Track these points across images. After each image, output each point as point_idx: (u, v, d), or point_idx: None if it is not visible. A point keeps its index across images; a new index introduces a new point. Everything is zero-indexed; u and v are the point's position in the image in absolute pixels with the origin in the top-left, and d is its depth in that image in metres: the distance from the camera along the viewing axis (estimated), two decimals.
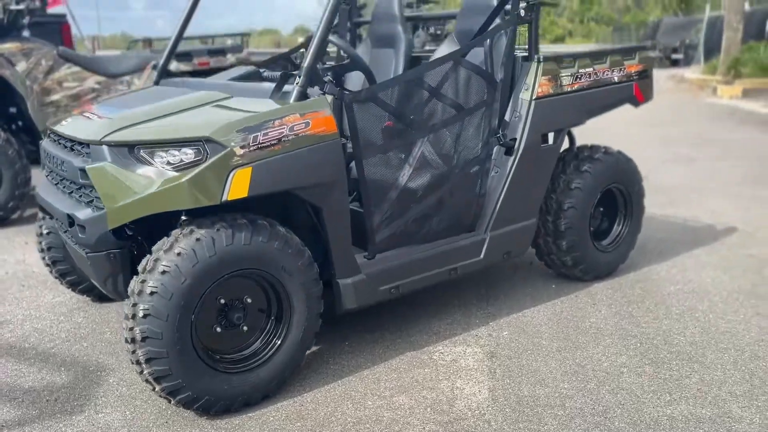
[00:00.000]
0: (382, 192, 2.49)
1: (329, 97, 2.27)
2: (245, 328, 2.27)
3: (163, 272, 2.03)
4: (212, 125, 2.11)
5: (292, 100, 2.22)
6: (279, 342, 2.30)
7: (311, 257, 2.33)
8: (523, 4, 2.85)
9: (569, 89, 2.99)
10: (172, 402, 2.14)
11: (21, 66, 4.82)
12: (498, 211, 2.85)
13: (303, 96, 2.25)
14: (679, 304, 3.13)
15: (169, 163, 2.11)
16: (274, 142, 2.14)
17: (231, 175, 2.08)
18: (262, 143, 2.12)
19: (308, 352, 2.57)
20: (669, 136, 8.37)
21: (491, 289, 3.34)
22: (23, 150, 4.72)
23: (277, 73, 2.82)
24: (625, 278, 3.47)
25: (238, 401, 2.24)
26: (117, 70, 5.24)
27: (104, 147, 2.17)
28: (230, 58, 5.50)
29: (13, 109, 4.96)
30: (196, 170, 2.06)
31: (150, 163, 2.13)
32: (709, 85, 15.70)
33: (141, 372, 2.10)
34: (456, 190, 2.72)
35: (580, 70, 3.03)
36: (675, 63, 27.93)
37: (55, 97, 5.02)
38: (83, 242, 2.24)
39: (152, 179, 2.09)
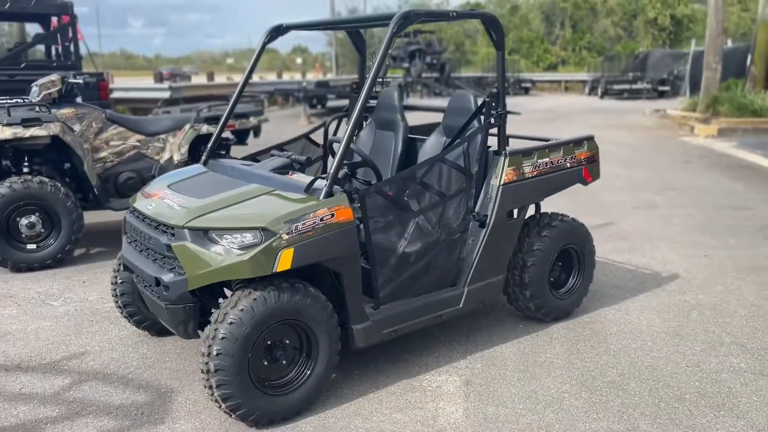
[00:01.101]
0: (384, 259, 3.33)
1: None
2: (284, 362, 3.10)
3: (231, 323, 2.87)
4: (266, 217, 2.96)
5: (321, 197, 3.07)
6: (309, 372, 3.13)
7: (333, 309, 3.16)
8: (493, 112, 3.72)
9: (530, 176, 3.86)
10: (233, 416, 2.97)
11: (76, 128, 5.66)
12: (474, 270, 3.70)
13: (330, 194, 3.10)
14: (617, 343, 3.97)
15: (233, 243, 2.95)
16: (309, 229, 2.99)
17: (279, 254, 2.92)
18: (301, 230, 2.97)
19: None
20: (640, 181, 9.27)
21: (470, 329, 4.17)
22: (77, 201, 5.55)
23: (303, 158, 3.72)
24: (579, 320, 4.31)
25: (279, 416, 3.06)
26: (155, 130, 6.11)
27: (186, 230, 3.02)
28: (252, 120, 6.38)
29: (67, 165, 5.78)
30: (255, 250, 2.90)
31: (219, 243, 2.97)
32: (689, 122, 16.67)
33: (212, 394, 2.92)
34: (440, 255, 3.56)
35: (539, 160, 3.90)
36: (662, 94, 29.11)
37: (102, 154, 5.88)
38: (166, 298, 3.08)
39: (222, 256, 2.93)
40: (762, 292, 4.81)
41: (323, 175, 3.21)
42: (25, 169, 5.49)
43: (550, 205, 4.48)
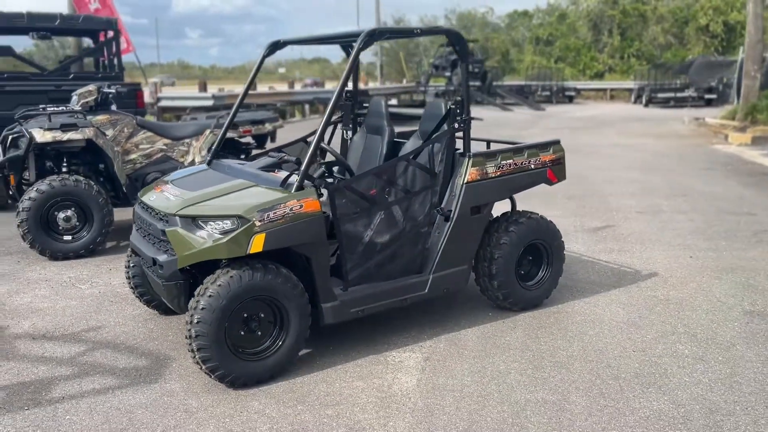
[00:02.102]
0: (352, 246, 3.79)
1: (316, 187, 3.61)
2: (259, 333, 3.59)
3: (210, 296, 3.38)
4: (242, 207, 3.46)
5: (293, 191, 3.56)
6: (281, 343, 3.61)
7: (303, 288, 3.64)
8: (458, 118, 4.15)
9: (493, 175, 4.26)
10: (212, 377, 3.47)
11: (109, 133, 6.32)
12: (438, 260, 4.12)
13: (300, 187, 3.58)
14: (574, 330, 4.32)
15: (216, 229, 3.47)
16: (280, 217, 3.48)
17: (252, 238, 3.42)
18: (272, 218, 3.46)
19: (305, 351, 3.90)
20: (652, 186, 9.47)
21: (443, 316, 4.58)
22: (109, 198, 6.20)
23: (293, 158, 4.22)
24: (548, 310, 4.67)
25: (253, 379, 3.55)
26: (180, 135, 6.72)
27: (177, 217, 3.55)
28: (268, 126, 6.94)
29: (101, 165, 6.45)
30: (232, 234, 3.41)
31: (204, 229, 3.49)
32: (725, 131, 16.57)
33: (194, 357, 3.43)
34: (406, 245, 4.00)
35: (503, 162, 4.30)
36: (709, 102, 28.65)
37: (132, 156, 6.52)
38: (161, 276, 3.61)
39: (205, 239, 3.45)
40: (732, 290, 5.07)
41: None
42: (64, 169, 6.17)
43: (553, 205, 4.86)
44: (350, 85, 5.23)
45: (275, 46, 4.64)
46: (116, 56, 9.11)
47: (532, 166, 4.46)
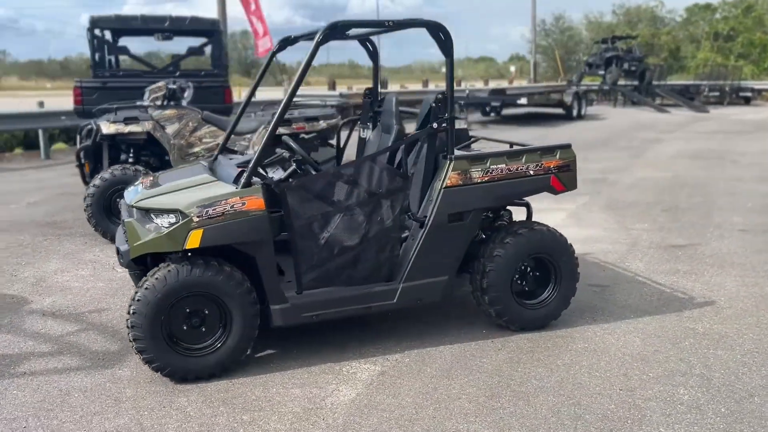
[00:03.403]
0: (306, 248, 3.65)
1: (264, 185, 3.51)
2: (204, 329, 3.57)
3: (146, 288, 3.41)
4: (184, 202, 3.46)
5: (239, 188, 3.49)
6: (222, 343, 3.56)
7: (250, 287, 3.56)
8: (440, 117, 3.84)
9: (479, 181, 3.88)
10: (150, 368, 3.51)
11: (174, 127, 6.68)
12: (410, 268, 3.85)
13: (248, 185, 3.51)
14: (567, 359, 3.83)
15: (164, 222, 3.50)
16: (219, 214, 3.43)
17: (189, 233, 3.40)
18: (211, 215, 3.42)
19: (269, 352, 3.84)
20: None
21: (434, 327, 4.28)
22: None
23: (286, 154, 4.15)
24: (549, 333, 4.19)
25: (192, 375, 3.54)
26: (241, 130, 6.93)
27: (134, 209, 3.64)
28: (322, 123, 6.94)
29: (168, 157, 6.83)
30: (170, 228, 3.42)
31: (154, 221, 3.53)
32: None
33: (133, 347, 3.49)
34: (370, 250, 3.77)
35: (492, 166, 3.91)
36: None
37: (195, 149, 6.83)
38: (122, 265, 3.72)
39: (151, 231, 3.49)
40: None
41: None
42: (131, 159, 6.62)
43: (645, 216, 4.40)
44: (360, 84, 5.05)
45: (285, 42, 4.59)
46: (219, 55, 9.61)
47: (531, 173, 4.01)
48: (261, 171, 3.64)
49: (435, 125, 3.85)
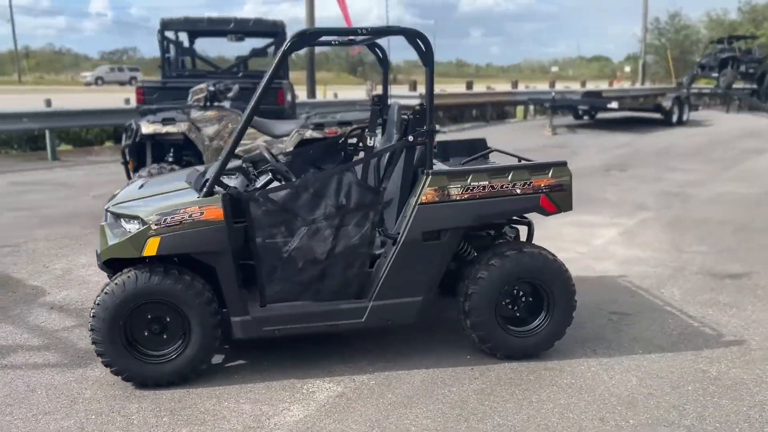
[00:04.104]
0: (269, 261, 3.56)
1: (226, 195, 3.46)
2: (165, 336, 3.57)
3: (106, 293, 3.45)
4: (146, 210, 3.47)
5: (199, 197, 3.46)
6: (179, 353, 3.54)
7: (210, 297, 3.53)
8: (418, 129, 3.63)
9: (457, 198, 3.64)
10: (110, 371, 3.55)
11: (214, 128, 6.81)
12: (380, 286, 3.67)
13: (210, 194, 3.47)
14: (544, 395, 3.52)
15: (131, 228, 3.53)
16: (177, 222, 3.41)
17: (147, 240, 3.41)
18: (170, 223, 3.41)
19: (239, 362, 3.81)
20: None
21: (414, 349, 4.07)
22: None
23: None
24: (535, 364, 3.87)
25: (151, 381, 3.55)
26: (279, 133, 6.97)
27: (108, 213, 3.70)
28: None
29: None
30: (129, 235, 3.44)
31: (121, 227, 3.57)
32: None
33: (94, 350, 3.54)
34: (337, 265, 3.63)
35: (473, 183, 3.65)
36: None
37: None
38: (99, 267, 3.79)
39: (117, 236, 3.53)
40: None
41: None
42: (170, 159, 6.82)
43: (707, 238, 4.09)
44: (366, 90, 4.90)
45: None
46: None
47: (518, 191, 3.71)
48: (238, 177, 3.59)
49: (411, 138, 3.65)
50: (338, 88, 31.07)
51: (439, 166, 3.93)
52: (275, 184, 3.69)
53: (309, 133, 6.74)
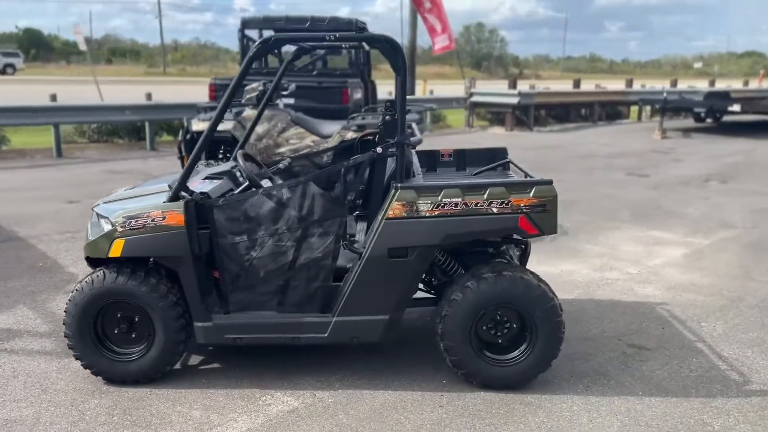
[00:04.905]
0: (231, 269, 3.54)
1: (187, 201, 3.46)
2: (134, 336, 3.65)
3: (75, 290, 3.57)
4: (116, 212, 3.55)
5: (163, 202, 3.50)
6: (142, 354, 3.60)
7: (175, 301, 3.55)
8: (389, 140, 3.45)
9: (427, 214, 3.41)
10: (81, 365, 3.67)
11: (263, 127, 6.91)
12: (344, 302, 3.53)
13: (175, 198, 3.49)
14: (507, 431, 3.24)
15: (106, 228, 3.63)
16: (141, 226, 3.46)
17: (113, 242, 3.49)
18: (134, 226, 3.47)
19: (208, 366, 3.83)
20: None
21: (383, 364, 3.89)
22: None
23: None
24: (517, 396, 3.57)
25: (117, 378, 3.63)
26: (326, 133, 6.96)
27: (93, 211, 3.83)
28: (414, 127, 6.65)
29: None
30: (98, 236, 3.54)
31: (100, 226, 3.69)
32: None
33: (66, 343, 3.68)
34: (300, 277, 3.53)
35: (445, 199, 3.41)
36: None
37: (281, 149, 7.01)
38: (88, 263, 3.94)
39: (93, 236, 3.65)
40: None
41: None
42: (220, 156, 7.01)
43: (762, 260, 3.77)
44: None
45: (302, 51, 4.50)
46: (356, 56, 9.75)
47: (494, 210, 3.42)
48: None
49: (380, 149, 3.47)
50: (454, 83, 30.65)
51: (417, 179, 3.73)
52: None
53: (350, 135, 6.67)
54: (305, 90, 8.34)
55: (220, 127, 6.73)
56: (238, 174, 4.11)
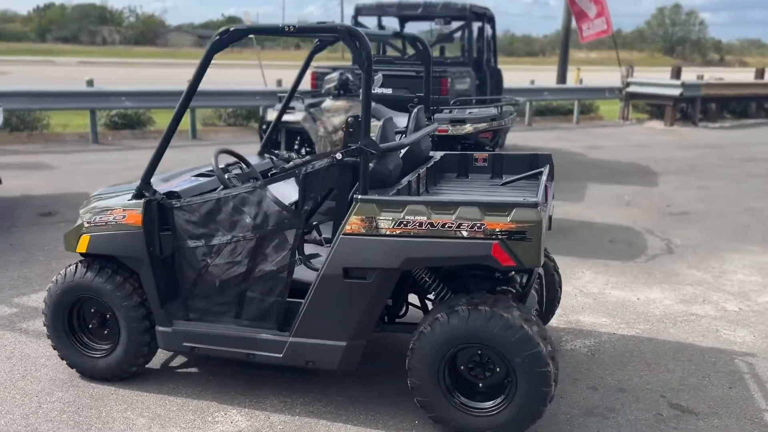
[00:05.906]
0: (188, 274, 3.33)
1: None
2: (106, 332, 3.59)
3: (52, 282, 3.58)
4: (88, 208, 3.49)
5: (126, 201, 3.37)
6: (108, 352, 3.52)
7: (139, 302, 3.43)
8: (350, 146, 3.02)
9: (387, 232, 2.94)
10: (58, 354, 3.68)
11: (339, 119, 6.68)
12: (299, 322, 3.18)
13: (139, 197, 3.35)
14: None
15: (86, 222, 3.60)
16: (103, 223, 3.37)
17: (80, 237, 3.44)
18: (97, 223, 3.39)
19: (186, 370, 3.70)
20: None
21: (359, 391, 3.49)
22: None
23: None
24: None
25: (86, 373, 3.60)
26: (400, 126, 6.55)
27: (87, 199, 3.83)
28: (468, 127, 6.05)
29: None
30: (73, 228, 3.50)
31: (83, 219, 3.66)
32: None
33: (45, 332, 3.70)
34: (255, 291, 3.24)
35: (408, 217, 2.91)
36: None
37: None
38: None
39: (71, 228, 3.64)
40: None
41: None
42: (296, 146, 6.90)
43: None
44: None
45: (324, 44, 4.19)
46: (469, 43, 9.19)
47: (464, 233, 2.85)
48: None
49: (339, 156, 3.04)
50: (608, 69, 28.16)
51: (440, 187, 3.27)
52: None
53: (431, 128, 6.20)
54: (402, 80, 7.96)
55: (290, 117, 6.61)
56: (233, 172, 3.90)
